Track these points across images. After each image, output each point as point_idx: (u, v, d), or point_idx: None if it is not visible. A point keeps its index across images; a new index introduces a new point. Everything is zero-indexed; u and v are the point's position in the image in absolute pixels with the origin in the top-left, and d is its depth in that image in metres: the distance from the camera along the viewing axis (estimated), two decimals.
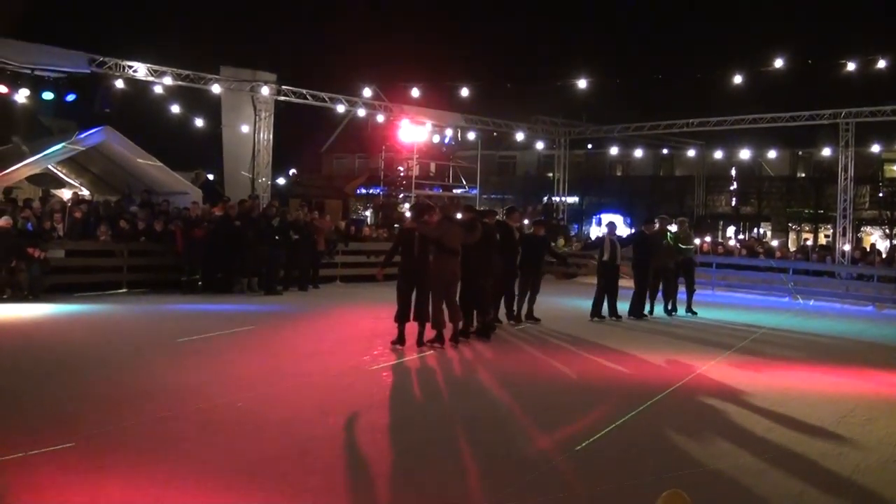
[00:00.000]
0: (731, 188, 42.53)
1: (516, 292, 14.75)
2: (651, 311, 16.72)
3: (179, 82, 21.48)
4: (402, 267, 11.95)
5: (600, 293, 15.72)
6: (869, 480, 6.40)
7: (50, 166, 20.64)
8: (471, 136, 31.05)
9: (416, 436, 7.26)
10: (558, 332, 13.99)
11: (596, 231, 40.28)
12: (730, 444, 7.26)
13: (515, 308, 14.81)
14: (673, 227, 17.50)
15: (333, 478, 5.99)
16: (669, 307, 17.02)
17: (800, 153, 42.03)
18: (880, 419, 8.43)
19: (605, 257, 15.59)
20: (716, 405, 8.82)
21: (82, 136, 19.52)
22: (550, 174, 36.22)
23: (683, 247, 17.24)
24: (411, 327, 11.69)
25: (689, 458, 6.80)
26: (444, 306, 11.86)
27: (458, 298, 12.26)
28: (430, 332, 11.79)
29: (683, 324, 16.01)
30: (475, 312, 12.91)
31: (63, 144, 19.30)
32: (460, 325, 12.31)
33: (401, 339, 11.64)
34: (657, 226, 16.90)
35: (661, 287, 16.83)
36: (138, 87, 21.21)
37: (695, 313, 17.07)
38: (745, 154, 33.19)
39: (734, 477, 6.34)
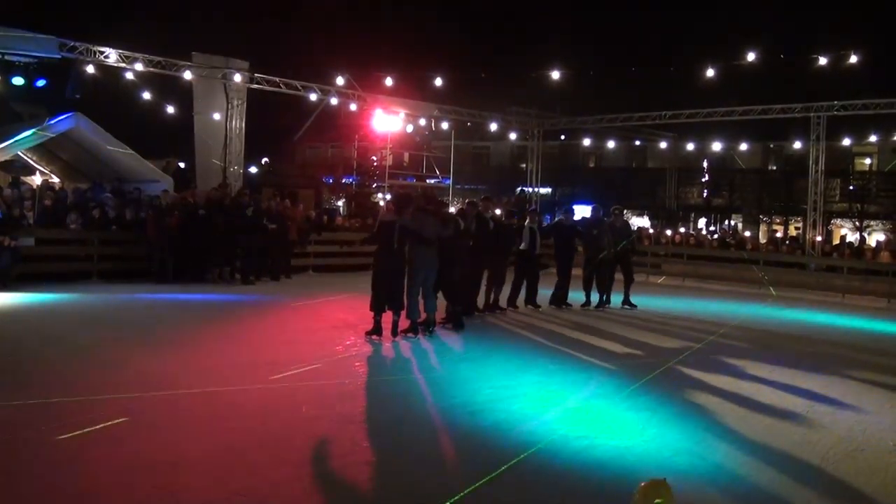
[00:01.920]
0: (703, 180, 42.82)
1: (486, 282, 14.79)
2: (598, 303, 16.53)
3: (151, 69, 21.28)
4: (379, 257, 11.91)
5: (518, 282, 15.63)
6: (839, 468, 6.48)
7: (20, 153, 20.40)
8: (444, 126, 31.01)
9: (389, 426, 7.24)
10: (529, 323, 14.04)
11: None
12: (702, 433, 7.31)
13: (493, 296, 14.89)
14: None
15: (305, 468, 5.97)
16: (604, 299, 16.57)
17: (771, 146, 42.40)
18: (848, 408, 8.53)
19: (523, 246, 15.49)
20: (688, 396, 8.87)
21: (52, 122, 19.31)
22: (524, 165, 36.28)
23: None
24: (385, 318, 11.70)
25: (663, 446, 6.85)
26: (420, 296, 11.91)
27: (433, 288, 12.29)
28: (404, 323, 11.80)
29: (652, 316, 16.07)
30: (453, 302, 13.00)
31: (33, 131, 19.08)
32: (433, 314, 12.35)
33: (377, 330, 11.62)
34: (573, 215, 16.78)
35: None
36: (109, 73, 21.01)
37: (634, 306, 16.67)
38: (717, 146, 33.42)
39: (707, 465, 6.40)
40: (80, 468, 5.77)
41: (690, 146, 35.46)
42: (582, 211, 22.11)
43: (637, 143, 41.01)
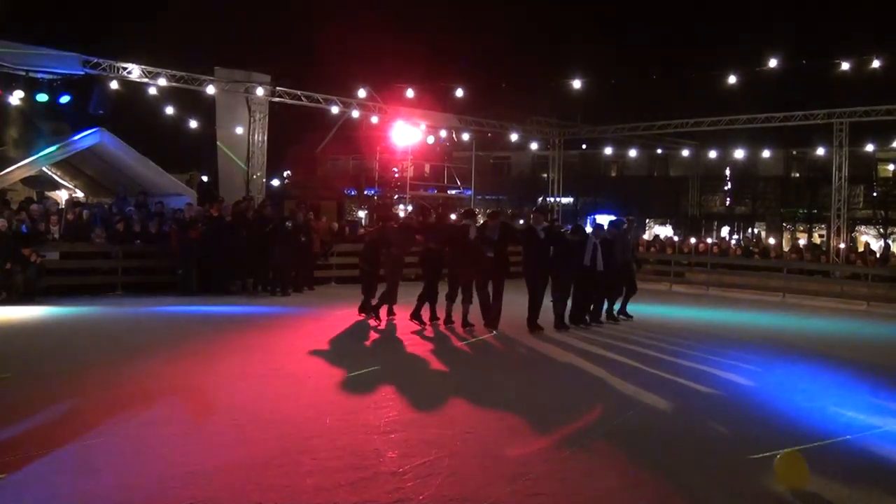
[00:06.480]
0: (726, 188, 42.64)
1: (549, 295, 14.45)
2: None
3: (174, 84, 21.46)
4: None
5: (581, 298, 15.15)
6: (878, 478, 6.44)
7: (44, 168, 20.60)
8: (465, 136, 31.06)
9: (412, 435, 7.24)
10: (553, 334, 14.02)
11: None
12: (728, 443, 7.30)
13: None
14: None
15: (330, 478, 5.98)
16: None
17: (794, 153, 42.15)
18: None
19: (587, 262, 14.76)
20: (714, 405, 8.85)
21: (77, 137, 19.48)
22: (545, 175, 36.22)
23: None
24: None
25: (685, 457, 6.82)
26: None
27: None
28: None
29: (681, 325, 16.00)
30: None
31: (57, 146, 19.26)
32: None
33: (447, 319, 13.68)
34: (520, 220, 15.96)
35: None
36: (132, 89, 21.20)
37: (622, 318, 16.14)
38: (739, 154, 33.23)
39: (732, 475, 6.38)
40: (102, 480, 5.80)
41: (712, 154, 35.28)
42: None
43: (659, 151, 40.84)
